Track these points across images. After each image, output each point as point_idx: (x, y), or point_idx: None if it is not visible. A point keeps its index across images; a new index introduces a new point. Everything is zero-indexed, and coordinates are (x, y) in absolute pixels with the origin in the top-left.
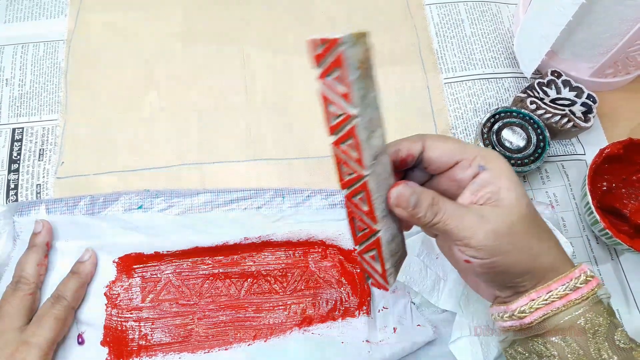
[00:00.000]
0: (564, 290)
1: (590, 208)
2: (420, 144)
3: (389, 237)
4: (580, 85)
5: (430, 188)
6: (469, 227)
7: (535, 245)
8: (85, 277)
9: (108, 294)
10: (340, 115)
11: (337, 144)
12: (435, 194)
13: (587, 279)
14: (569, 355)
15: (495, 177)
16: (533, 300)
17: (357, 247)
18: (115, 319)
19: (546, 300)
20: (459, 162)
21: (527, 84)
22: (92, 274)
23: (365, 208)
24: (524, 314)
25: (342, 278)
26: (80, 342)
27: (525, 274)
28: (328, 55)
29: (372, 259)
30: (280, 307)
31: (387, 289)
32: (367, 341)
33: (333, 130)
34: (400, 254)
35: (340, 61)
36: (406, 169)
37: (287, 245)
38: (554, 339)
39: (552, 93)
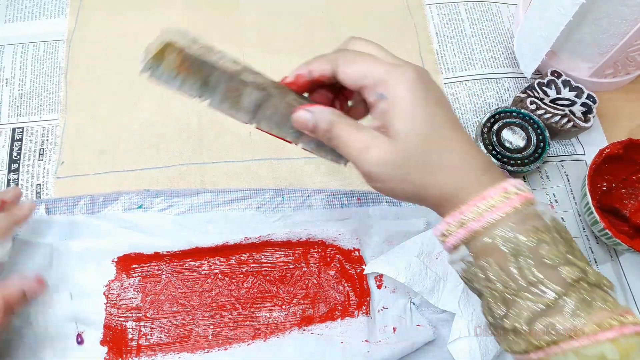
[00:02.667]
0: (472, 216)
1: (590, 208)
2: (330, 66)
3: (315, 145)
4: (580, 86)
5: (357, 102)
6: (357, 155)
7: (429, 177)
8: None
9: (107, 293)
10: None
11: None
12: (334, 117)
13: (506, 196)
14: (493, 277)
15: (391, 107)
16: (449, 224)
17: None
18: (115, 318)
19: (463, 223)
20: (365, 86)
21: (527, 84)
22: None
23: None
24: (446, 235)
25: (342, 278)
26: (80, 342)
27: (423, 202)
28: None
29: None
30: (280, 307)
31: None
32: (366, 341)
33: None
34: None
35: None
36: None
37: (287, 245)
38: (482, 262)
39: (552, 93)
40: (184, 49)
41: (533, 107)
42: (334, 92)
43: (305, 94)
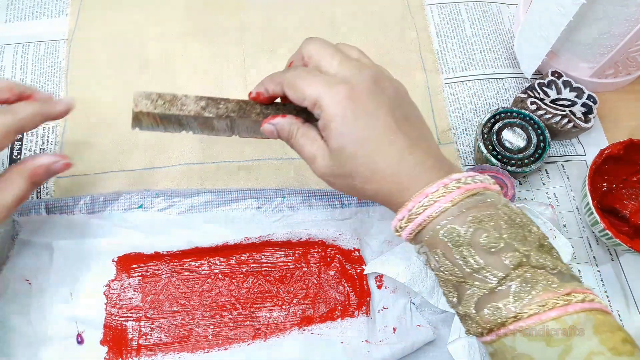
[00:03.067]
0: (416, 211)
1: (590, 208)
2: (279, 87)
3: None
4: (580, 86)
5: None
6: (308, 162)
7: (366, 183)
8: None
9: (107, 293)
10: None
11: None
12: (292, 127)
13: (446, 190)
14: (441, 267)
15: (326, 124)
16: (399, 220)
17: None
18: (115, 318)
19: (410, 218)
20: (307, 106)
21: (527, 85)
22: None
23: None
24: (399, 231)
25: (342, 278)
26: (80, 342)
27: (377, 202)
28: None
29: None
30: (280, 307)
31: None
32: (366, 341)
33: None
34: None
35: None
36: None
37: (287, 245)
38: (432, 253)
39: (553, 93)
40: (149, 112)
41: (533, 107)
42: None
43: (278, 99)
